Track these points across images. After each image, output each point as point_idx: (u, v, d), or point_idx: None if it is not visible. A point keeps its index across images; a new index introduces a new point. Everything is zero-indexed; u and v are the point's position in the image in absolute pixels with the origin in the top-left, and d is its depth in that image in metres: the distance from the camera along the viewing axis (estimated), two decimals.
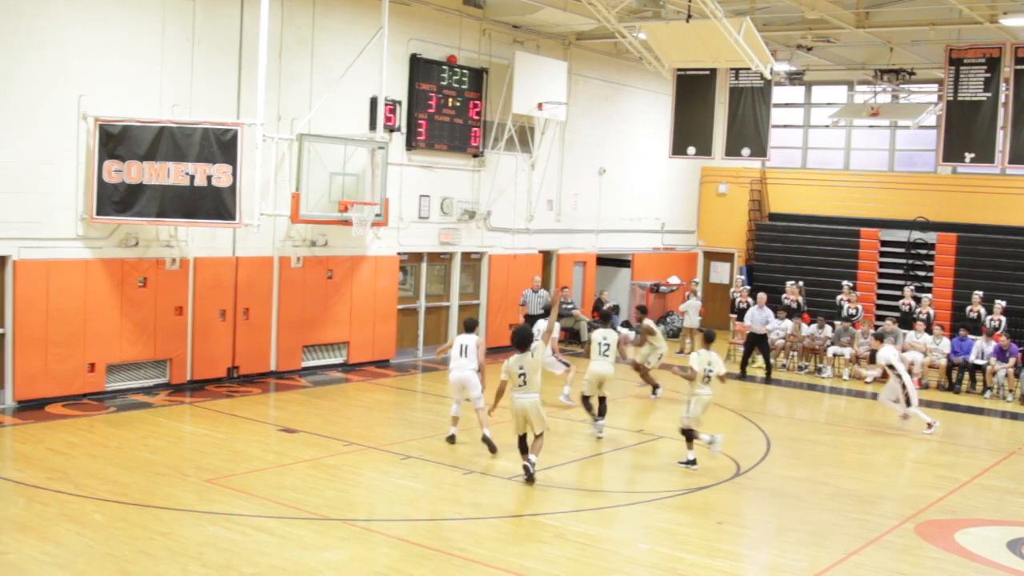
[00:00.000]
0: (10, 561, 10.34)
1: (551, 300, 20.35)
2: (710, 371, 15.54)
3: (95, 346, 18.05)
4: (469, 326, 16.61)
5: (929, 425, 18.86)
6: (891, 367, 19.04)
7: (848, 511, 13.66)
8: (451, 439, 16.24)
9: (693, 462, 15.43)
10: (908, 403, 18.89)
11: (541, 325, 18.79)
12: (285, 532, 11.61)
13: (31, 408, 17.09)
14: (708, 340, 16.07)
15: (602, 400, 17.39)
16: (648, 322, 21.17)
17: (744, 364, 24.79)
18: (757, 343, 24.76)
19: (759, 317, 24.48)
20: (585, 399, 17.56)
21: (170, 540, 11.16)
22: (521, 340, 14.02)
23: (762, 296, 25.13)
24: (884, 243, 30.52)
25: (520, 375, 13.85)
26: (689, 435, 15.49)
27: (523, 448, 14.12)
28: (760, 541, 12.79)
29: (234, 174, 17.87)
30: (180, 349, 19.35)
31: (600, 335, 17.62)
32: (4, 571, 10.09)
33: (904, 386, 18.89)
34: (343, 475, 14.19)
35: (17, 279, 16.97)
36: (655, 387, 21.12)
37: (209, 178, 17.83)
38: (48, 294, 17.32)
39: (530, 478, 13.87)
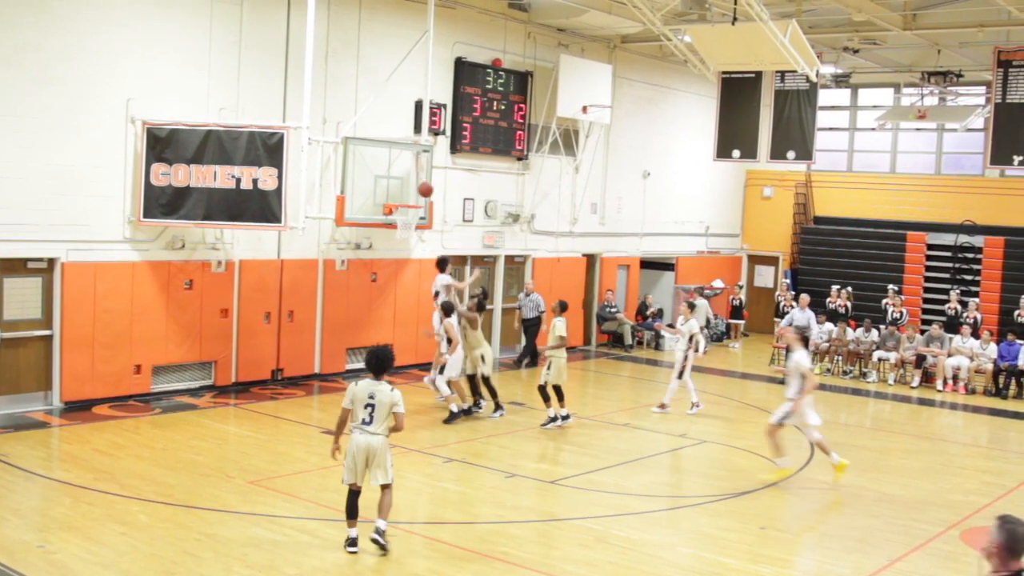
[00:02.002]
0: (56, 560, 10.45)
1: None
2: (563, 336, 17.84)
3: (141, 348, 18.22)
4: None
5: (694, 405, 19.84)
6: (690, 339, 19.78)
7: (893, 517, 13.55)
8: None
9: (567, 417, 17.82)
10: (680, 375, 19.78)
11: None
12: (327, 534, 11.67)
13: (78, 409, 17.27)
14: (563, 309, 18.13)
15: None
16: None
17: None
18: None
19: (801, 319, 24.18)
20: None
21: (214, 541, 11.25)
22: (377, 363, 11.20)
23: (804, 298, 24.91)
24: (931, 247, 30.21)
25: (367, 407, 10.94)
26: (546, 394, 17.72)
27: (352, 509, 11.16)
28: (804, 547, 12.73)
29: (280, 177, 17.96)
30: (225, 351, 19.49)
31: None
32: (50, 570, 10.20)
33: (687, 358, 19.77)
34: None
35: (65, 281, 17.15)
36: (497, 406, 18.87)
37: (255, 181, 17.94)
38: (95, 296, 17.50)
39: (383, 548, 11.04)
